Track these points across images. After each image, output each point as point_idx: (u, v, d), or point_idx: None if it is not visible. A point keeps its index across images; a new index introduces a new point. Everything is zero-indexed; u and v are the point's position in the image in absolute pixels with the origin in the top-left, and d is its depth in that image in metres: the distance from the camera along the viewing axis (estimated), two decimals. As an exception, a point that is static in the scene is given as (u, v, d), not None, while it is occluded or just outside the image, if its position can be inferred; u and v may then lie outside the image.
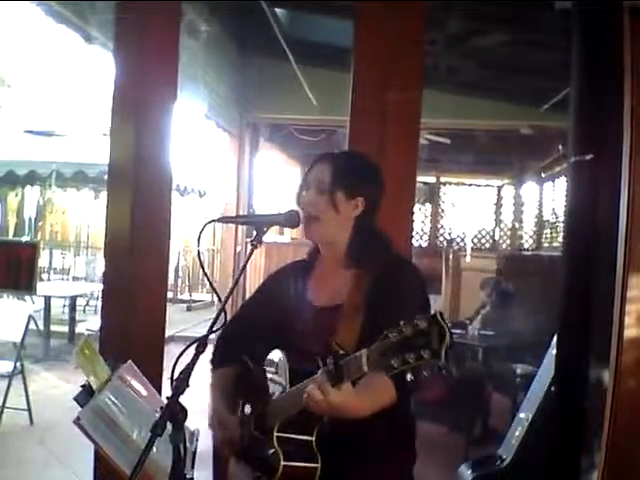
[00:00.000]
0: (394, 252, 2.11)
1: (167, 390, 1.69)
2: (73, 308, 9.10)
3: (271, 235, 10.22)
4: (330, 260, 2.12)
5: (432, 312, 1.44)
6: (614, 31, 2.77)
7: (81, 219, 15.88)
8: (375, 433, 1.90)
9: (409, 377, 1.43)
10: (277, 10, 7.16)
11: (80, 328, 8.40)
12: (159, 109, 3.24)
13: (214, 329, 1.79)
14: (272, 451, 1.83)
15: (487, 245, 15.06)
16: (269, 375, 2.00)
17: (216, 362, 2.23)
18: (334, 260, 2.10)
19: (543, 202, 13.87)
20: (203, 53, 7.33)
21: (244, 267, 2.05)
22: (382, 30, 3.09)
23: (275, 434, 1.83)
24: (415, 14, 3.09)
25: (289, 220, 2.01)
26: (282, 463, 1.79)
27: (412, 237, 3.51)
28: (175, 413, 1.63)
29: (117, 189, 3.26)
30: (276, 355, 2.00)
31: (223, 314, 1.81)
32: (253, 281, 9.32)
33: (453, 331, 4.84)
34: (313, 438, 1.81)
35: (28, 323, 5.39)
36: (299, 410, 1.76)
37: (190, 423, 1.81)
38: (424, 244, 14.99)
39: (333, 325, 1.91)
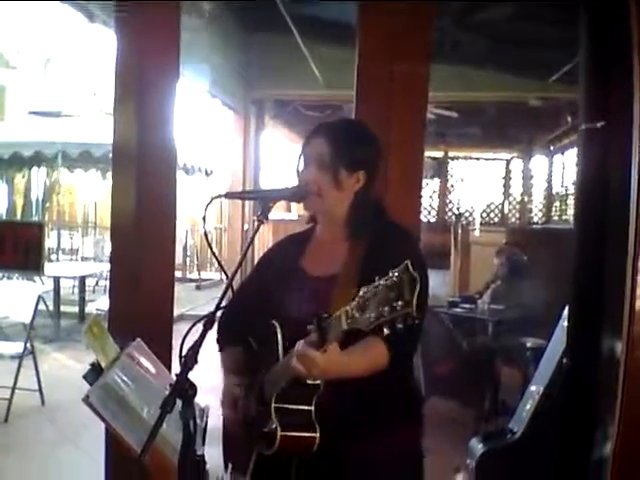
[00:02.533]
0: (387, 219, 2.11)
1: (176, 368, 1.68)
2: (82, 288, 9.15)
3: (278, 212, 10.20)
4: (328, 231, 2.12)
5: (407, 262, 1.43)
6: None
7: (88, 199, 15.90)
8: (377, 402, 1.91)
9: (385, 331, 1.43)
10: (280, -15, 7.09)
11: (90, 308, 8.45)
12: (162, 88, 3.20)
13: (221, 306, 1.78)
14: (270, 422, 1.84)
15: (496, 219, 15.01)
16: None
17: (221, 344, 2.23)
18: (332, 231, 2.10)
19: (552, 175, 13.79)
20: (207, 30, 7.27)
21: (250, 242, 2.04)
22: (387, 3, 3.04)
23: (273, 405, 1.84)
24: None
25: (296, 194, 2.01)
26: (279, 433, 1.80)
27: (421, 212, 3.49)
28: (184, 390, 1.62)
29: (122, 169, 3.24)
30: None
31: (230, 291, 1.80)
32: (261, 259, 9.31)
33: (463, 306, 4.83)
34: (312, 408, 1.82)
35: (37, 304, 5.42)
36: (292, 378, 1.78)
37: (200, 400, 1.80)
38: (432, 219, 14.98)
39: (329, 294, 1.90)
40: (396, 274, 1.42)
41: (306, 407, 1.82)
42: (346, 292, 1.84)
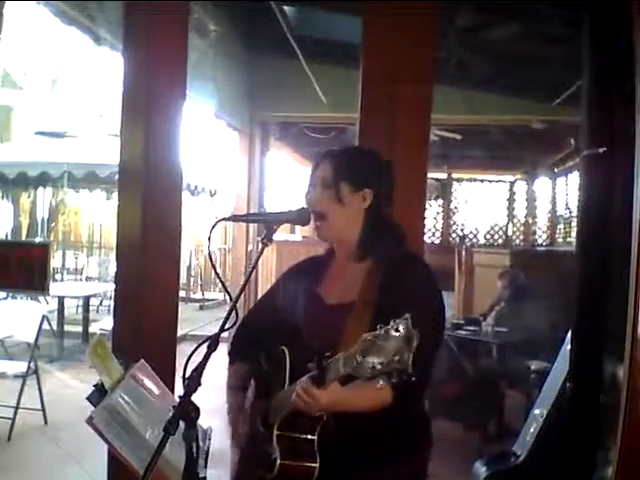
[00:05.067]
0: (406, 248, 2.09)
1: (180, 389, 1.69)
2: (86, 308, 9.15)
3: (282, 234, 10.21)
4: (343, 257, 2.11)
5: (405, 316, 1.43)
6: (625, 22, 2.75)
7: (93, 219, 15.94)
8: (383, 431, 1.89)
9: (380, 384, 1.43)
10: (285, 7, 7.14)
11: (94, 328, 8.44)
12: (169, 109, 3.24)
13: (225, 327, 1.78)
14: (271, 448, 1.84)
15: (500, 241, 14.99)
16: None
17: (232, 357, 2.25)
18: (347, 256, 2.09)
19: (556, 197, 13.79)
20: (212, 52, 7.32)
21: (255, 265, 2.05)
22: (391, 25, 3.07)
23: (275, 432, 1.85)
24: (425, 9, 3.07)
25: (299, 218, 2.00)
26: (279, 461, 1.81)
27: (424, 234, 3.50)
28: (188, 412, 1.62)
29: (128, 190, 3.27)
30: None
31: (234, 313, 1.81)
32: (265, 279, 9.31)
33: (467, 328, 4.81)
34: (315, 437, 1.82)
35: (42, 323, 5.43)
36: (294, 409, 1.78)
37: (203, 421, 1.81)
38: (436, 241, 14.96)
39: (343, 323, 1.90)
40: (395, 328, 1.42)
41: (309, 436, 1.82)
42: (360, 322, 1.85)
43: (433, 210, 15.09)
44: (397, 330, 1.41)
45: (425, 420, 2.11)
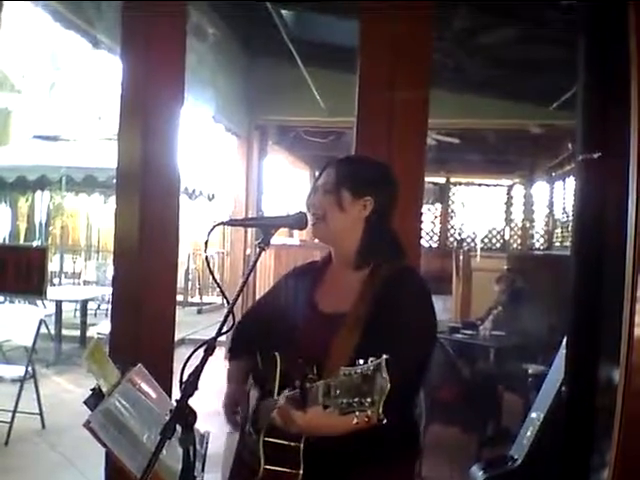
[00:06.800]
0: (404, 262, 2.08)
1: (177, 393, 1.69)
2: (84, 312, 9.14)
3: (280, 237, 10.21)
4: (341, 264, 2.11)
5: (383, 358, 1.40)
6: (620, 26, 2.76)
7: (91, 223, 15.94)
8: (371, 440, 1.81)
9: (355, 420, 1.42)
10: (283, 12, 7.15)
11: (91, 332, 8.44)
12: (167, 113, 3.25)
13: (223, 332, 1.79)
14: (257, 452, 1.85)
15: (498, 245, 15.00)
16: None
17: (231, 354, 2.27)
18: (344, 264, 2.09)
19: (554, 201, 13.79)
20: (210, 56, 7.33)
21: (252, 269, 2.05)
22: (388, 29, 3.08)
23: (262, 437, 1.85)
24: (421, 12, 3.08)
25: (297, 222, 2.00)
26: (262, 466, 1.82)
27: (421, 238, 3.50)
28: (184, 416, 1.63)
29: (126, 193, 3.27)
30: None
31: (231, 317, 1.81)
32: (263, 283, 9.32)
33: (464, 332, 4.81)
34: (301, 445, 1.82)
35: (39, 327, 5.42)
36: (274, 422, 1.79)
37: (200, 426, 1.81)
38: (434, 245, 14.96)
39: (334, 333, 1.90)
40: (372, 368, 1.40)
41: (295, 444, 1.82)
42: (350, 334, 1.86)
43: (431, 214, 15.09)
44: (374, 370, 1.39)
45: (414, 427, 2.12)
